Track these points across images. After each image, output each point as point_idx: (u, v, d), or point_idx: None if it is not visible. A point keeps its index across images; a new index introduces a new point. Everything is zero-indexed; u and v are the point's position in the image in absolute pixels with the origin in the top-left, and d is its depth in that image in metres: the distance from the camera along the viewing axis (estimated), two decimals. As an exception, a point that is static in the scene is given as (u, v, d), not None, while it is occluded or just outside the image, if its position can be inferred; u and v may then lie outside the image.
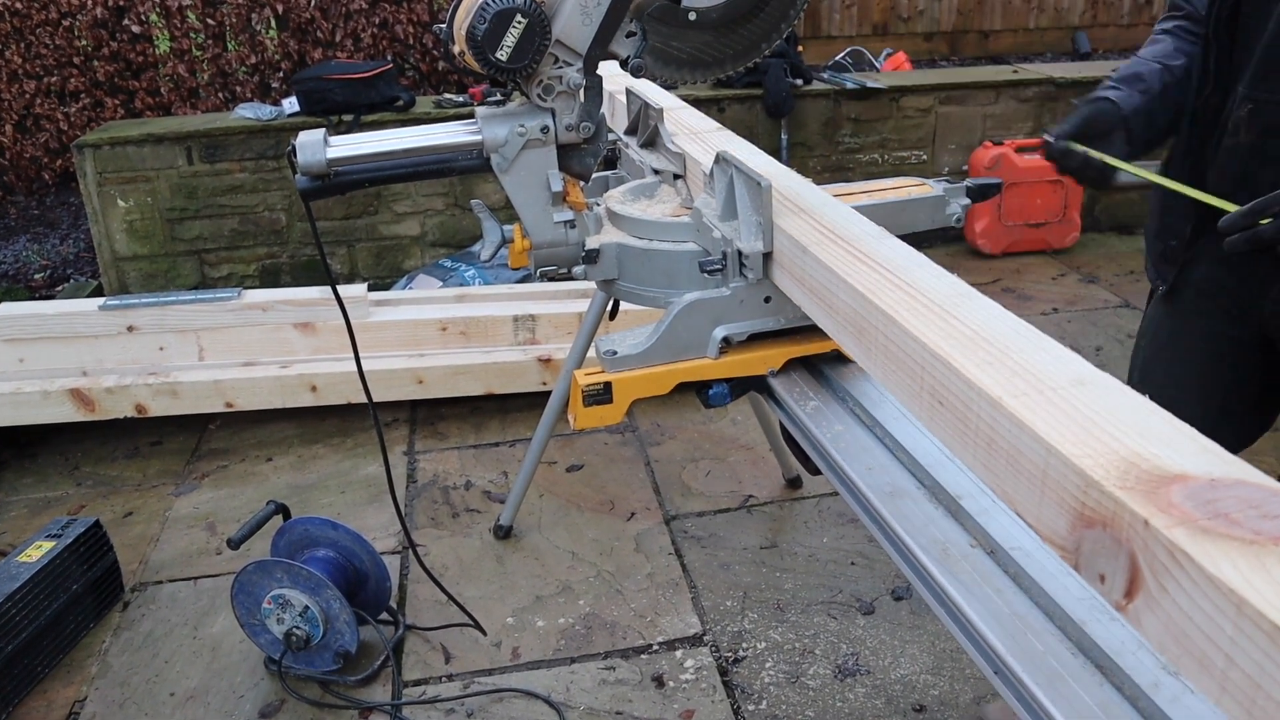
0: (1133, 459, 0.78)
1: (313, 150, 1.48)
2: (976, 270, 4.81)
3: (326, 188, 1.53)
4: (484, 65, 1.42)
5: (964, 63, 7.81)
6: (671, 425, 3.45)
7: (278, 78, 5.77)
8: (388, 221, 4.78)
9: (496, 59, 1.41)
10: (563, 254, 1.64)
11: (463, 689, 2.33)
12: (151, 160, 4.54)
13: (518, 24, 1.40)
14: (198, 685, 2.37)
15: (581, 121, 1.55)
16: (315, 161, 1.49)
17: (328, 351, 3.46)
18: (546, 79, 1.50)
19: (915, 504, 1.24)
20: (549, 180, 1.56)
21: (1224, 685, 0.66)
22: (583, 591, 2.64)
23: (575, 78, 1.50)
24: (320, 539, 2.43)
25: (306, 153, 1.48)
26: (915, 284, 1.15)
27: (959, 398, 0.95)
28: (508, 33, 1.39)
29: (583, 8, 1.46)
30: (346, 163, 1.52)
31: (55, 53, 5.53)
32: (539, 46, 1.43)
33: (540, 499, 3.04)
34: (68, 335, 3.38)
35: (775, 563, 2.72)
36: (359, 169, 1.54)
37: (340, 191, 1.55)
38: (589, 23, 1.47)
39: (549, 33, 1.43)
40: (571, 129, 1.56)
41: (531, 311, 3.50)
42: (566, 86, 1.51)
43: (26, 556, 2.46)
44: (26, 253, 5.45)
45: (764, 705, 2.25)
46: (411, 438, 3.46)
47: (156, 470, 3.34)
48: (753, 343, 1.58)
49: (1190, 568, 0.67)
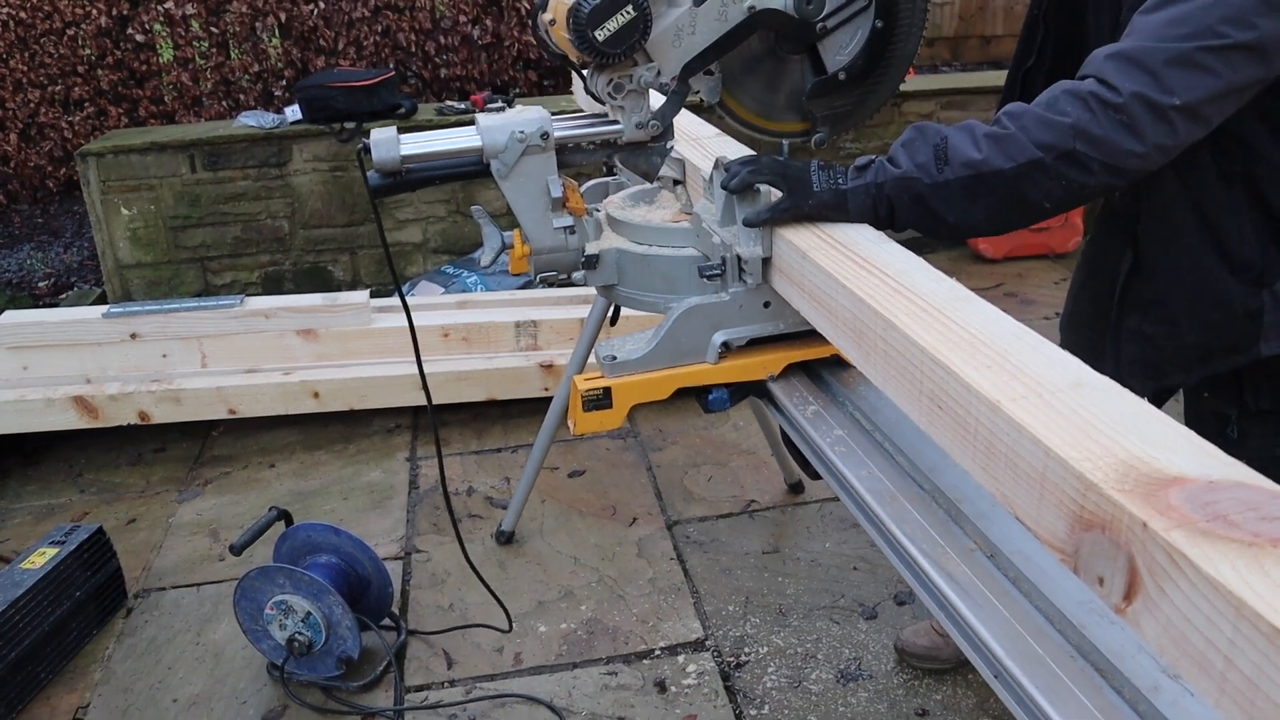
0: (1131, 462, 0.78)
1: (387, 147, 1.49)
2: (978, 275, 4.80)
3: (398, 184, 1.54)
4: (578, 40, 1.43)
5: (966, 68, 7.81)
6: (673, 430, 3.45)
7: (280, 86, 5.79)
8: (390, 228, 4.78)
9: (594, 36, 1.43)
10: (563, 259, 1.64)
11: (465, 694, 2.32)
12: (154, 168, 4.55)
13: (626, 13, 1.42)
14: (200, 691, 2.37)
15: (651, 120, 1.58)
16: (389, 158, 1.50)
17: (330, 358, 3.46)
18: (618, 77, 1.52)
19: (915, 508, 1.24)
20: (548, 186, 1.56)
21: (1223, 687, 0.65)
22: (585, 597, 2.63)
23: (647, 77, 1.52)
24: (322, 545, 2.43)
25: (381, 150, 1.49)
26: (914, 288, 1.15)
27: (958, 402, 0.95)
28: (614, 17, 1.42)
29: (678, 29, 1.50)
30: (418, 160, 1.53)
31: (59, 62, 5.55)
32: (634, 42, 1.45)
33: (542, 504, 3.04)
34: (71, 343, 3.38)
35: (777, 568, 2.72)
36: (429, 166, 1.55)
37: (411, 188, 1.57)
38: (678, 44, 1.51)
39: (648, 32, 1.45)
40: (641, 127, 1.58)
41: (533, 317, 3.51)
42: (638, 85, 1.53)
43: (30, 563, 2.46)
44: (31, 261, 5.47)
45: (766, 710, 2.25)
46: (414, 444, 3.46)
47: (159, 477, 3.34)
48: (752, 348, 1.58)
49: (1189, 570, 0.67)
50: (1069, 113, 1.27)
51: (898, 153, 1.39)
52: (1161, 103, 1.23)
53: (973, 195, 1.33)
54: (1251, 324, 1.47)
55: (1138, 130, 1.25)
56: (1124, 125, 1.25)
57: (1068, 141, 1.27)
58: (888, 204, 1.39)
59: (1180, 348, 1.55)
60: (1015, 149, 1.29)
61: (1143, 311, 1.58)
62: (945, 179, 1.33)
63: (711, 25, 1.50)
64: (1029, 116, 1.30)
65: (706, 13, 1.49)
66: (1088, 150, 1.26)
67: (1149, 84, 1.23)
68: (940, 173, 1.34)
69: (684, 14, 1.49)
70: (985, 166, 1.31)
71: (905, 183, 1.36)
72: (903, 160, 1.38)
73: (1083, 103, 1.27)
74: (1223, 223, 1.45)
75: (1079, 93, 1.28)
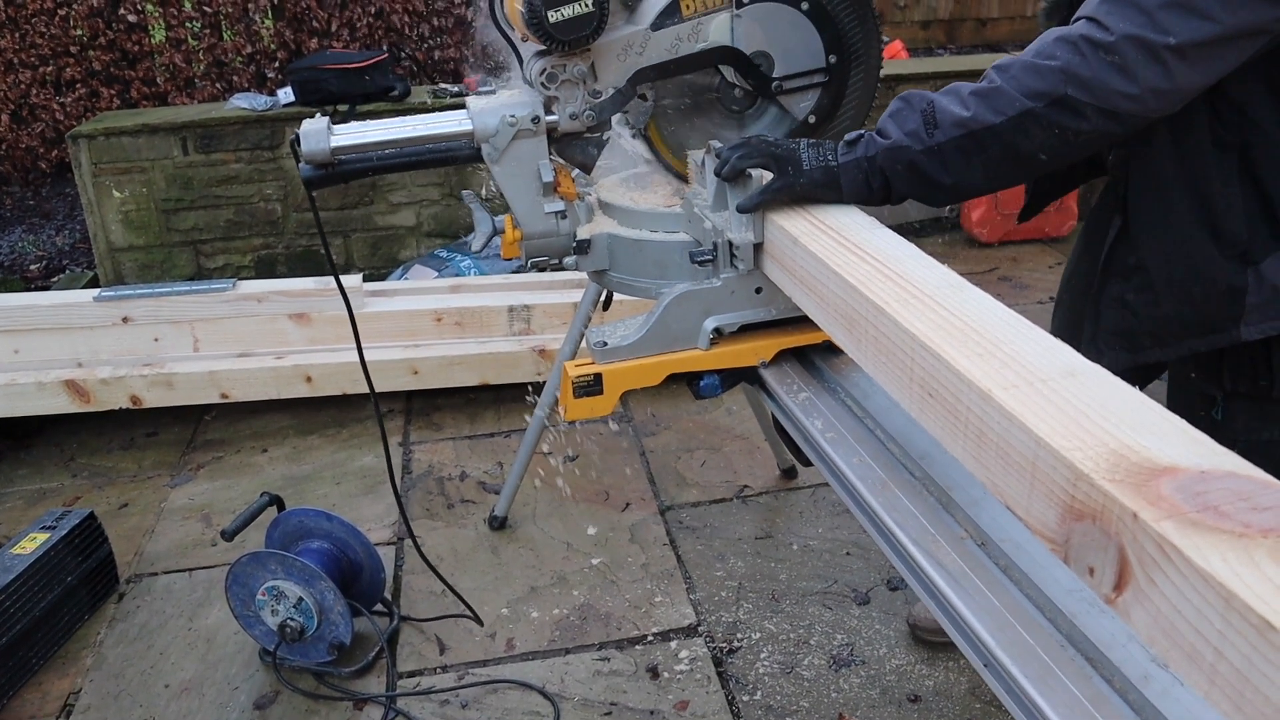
0: (1122, 451, 0.77)
1: (316, 139, 1.47)
2: (973, 259, 4.79)
3: (330, 176, 1.52)
4: (530, 18, 1.42)
5: (961, 51, 7.77)
6: (667, 416, 3.44)
7: (273, 67, 5.74)
8: (383, 212, 4.77)
9: (547, 16, 1.41)
10: (554, 244, 1.63)
11: (457, 680, 2.32)
12: (147, 151, 4.52)
13: (584, 5, 1.41)
14: (192, 677, 2.37)
15: (585, 111, 1.55)
16: (319, 150, 1.48)
17: (323, 342, 3.45)
18: (552, 67, 1.50)
19: (906, 495, 1.24)
20: (540, 171, 1.55)
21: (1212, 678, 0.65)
22: (577, 582, 2.63)
23: (581, 68, 1.50)
24: (315, 530, 2.42)
25: (310, 141, 1.47)
26: (906, 275, 1.14)
27: (949, 389, 0.94)
28: (572, 4, 1.40)
29: (626, 44, 1.49)
30: (350, 151, 1.51)
31: (51, 42, 5.49)
32: (583, 36, 1.43)
33: (535, 490, 3.04)
34: (63, 326, 3.37)
35: (770, 553, 2.72)
36: (363, 158, 1.53)
37: (344, 180, 1.54)
38: (623, 59, 1.50)
39: (599, 34, 1.44)
40: (575, 117, 1.56)
41: (526, 302, 3.49)
42: (571, 76, 1.51)
43: (21, 548, 2.45)
44: (22, 243, 5.43)
45: (759, 696, 2.25)
46: (407, 428, 3.46)
47: (152, 461, 3.33)
48: (744, 334, 1.57)
49: (1179, 561, 0.66)
50: (1058, 56, 1.26)
51: (886, 124, 1.38)
52: (1155, 42, 1.21)
53: (966, 155, 1.32)
54: (1232, 303, 1.45)
55: (1129, 71, 1.22)
56: (1115, 66, 1.22)
57: (1058, 87, 1.25)
58: (881, 176, 1.37)
59: (1158, 319, 1.53)
60: (1003, 102, 1.28)
61: (1124, 278, 1.56)
62: (937, 142, 1.32)
63: (660, 53, 1.50)
64: (1017, 66, 1.29)
65: (660, 40, 1.49)
66: (1079, 95, 1.24)
67: (1143, 24, 1.21)
68: (931, 137, 1.33)
69: (638, 33, 1.48)
70: (975, 124, 1.30)
71: (896, 152, 1.35)
72: (892, 130, 1.36)
73: (1073, 46, 1.25)
74: (1212, 193, 1.43)
75: (1069, 37, 1.26)
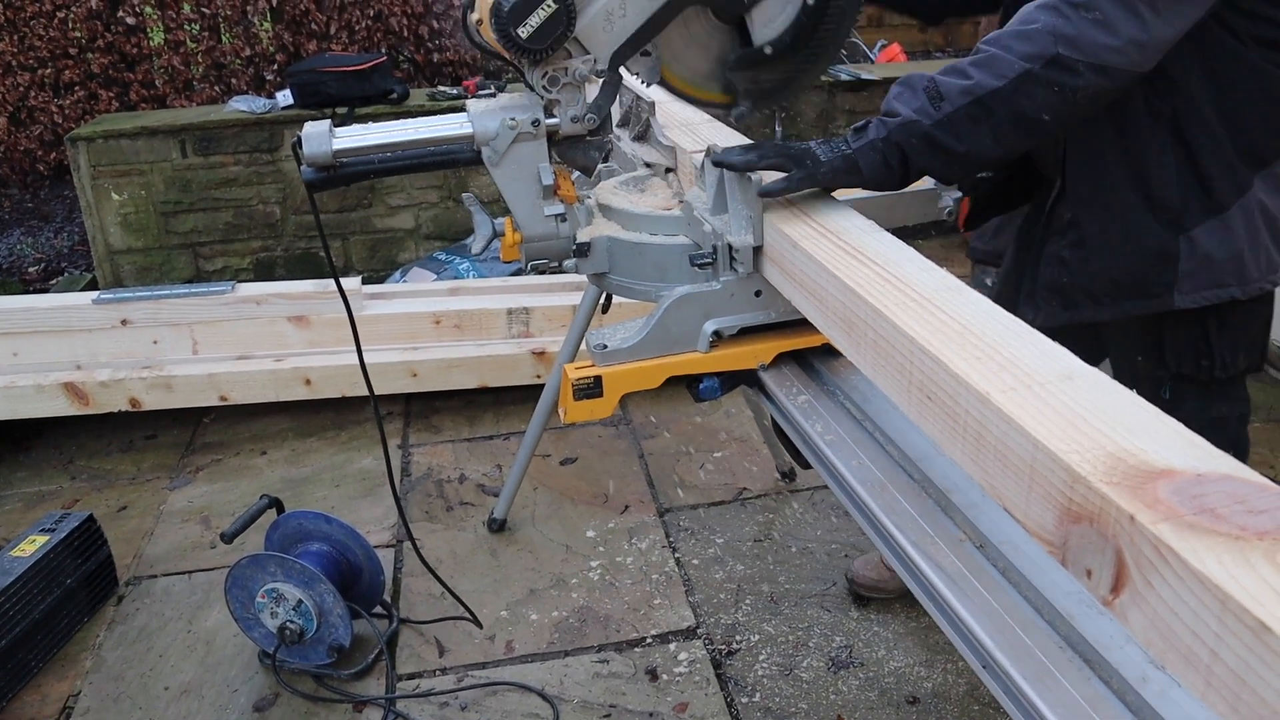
0: (1120, 454, 0.78)
1: (319, 141, 1.48)
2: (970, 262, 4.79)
3: (332, 179, 1.52)
4: (502, 39, 1.41)
5: (959, 54, 7.78)
6: (665, 418, 3.45)
7: (272, 70, 5.75)
8: (382, 214, 4.77)
9: (517, 34, 1.40)
10: (554, 247, 1.63)
11: (456, 682, 2.32)
12: (145, 153, 4.52)
13: (546, 7, 1.40)
14: (192, 679, 2.37)
15: (587, 114, 1.55)
16: (321, 153, 1.48)
17: (322, 345, 3.45)
18: (553, 70, 1.50)
19: (904, 498, 1.24)
20: (540, 173, 1.55)
21: (1209, 680, 0.65)
22: (576, 585, 2.64)
23: (582, 69, 1.50)
24: (314, 533, 2.42)
25: (313, 144, 1.47)
26: (904, 278, 1.15)
27: (947, 393, 0.95)
28: (535, 12, 1.39)
29: (608, 14, 1.46)
30: (352, 154, 1.51)
31: (49, 45, 5.50)
32: (560, 35, 1.42)
33: (534, 492, 3.04)
34: (62, 329, 3.37)
35: (769, 555, 2.73)
36: (364, 160, 1.53)
37: (346, 183, 1.54)
38: (609, 29, 1.47)
39: (573, 24, 1.43)
40: (577, 120, 1.55)
41: (525, 304, 3.50)
42: (573, 78, 1.51)
43: (20, 551, 2.45)
44: (21, 246, 5.44)
45: (757, 698, 2.25)
46: (405, 431, 3.46)
47: (151, 464, 3.33)
48: (743, 336, 1.58)
49: (1175, 563, 0.67)
50: (1039, 19, 1.32)
51: (892, 104, 1.42)
52: None
53: (975, 120, 1.36)
54: (1164, 267, 1.52)
55: (1110, 25, 1.29)
56: (1097, 22, 1.29)
57: (1050, 48, 1.31)
58: (898, 152, 1.40)
59: (1091, 276, 1.59)
60: (1002, 66, 1.34)
61: (1061, 234, 1.63)
62: (946, 113, 1.36)
63: (642, 5, 1.47)
64: (1005, 35, 1.35)
65: None
66: (1070, 53, 1.30)
67: None
68: (939, 109, 1.37)
69: None
70: (980, 89, 1.35)
71: (909, 126, 1.38)
72: (900, 109, 1.40)
73: (1054, 10, 1.32)
74: (1148, 161, 1.50)
75: (1048, 2, 1.33)
